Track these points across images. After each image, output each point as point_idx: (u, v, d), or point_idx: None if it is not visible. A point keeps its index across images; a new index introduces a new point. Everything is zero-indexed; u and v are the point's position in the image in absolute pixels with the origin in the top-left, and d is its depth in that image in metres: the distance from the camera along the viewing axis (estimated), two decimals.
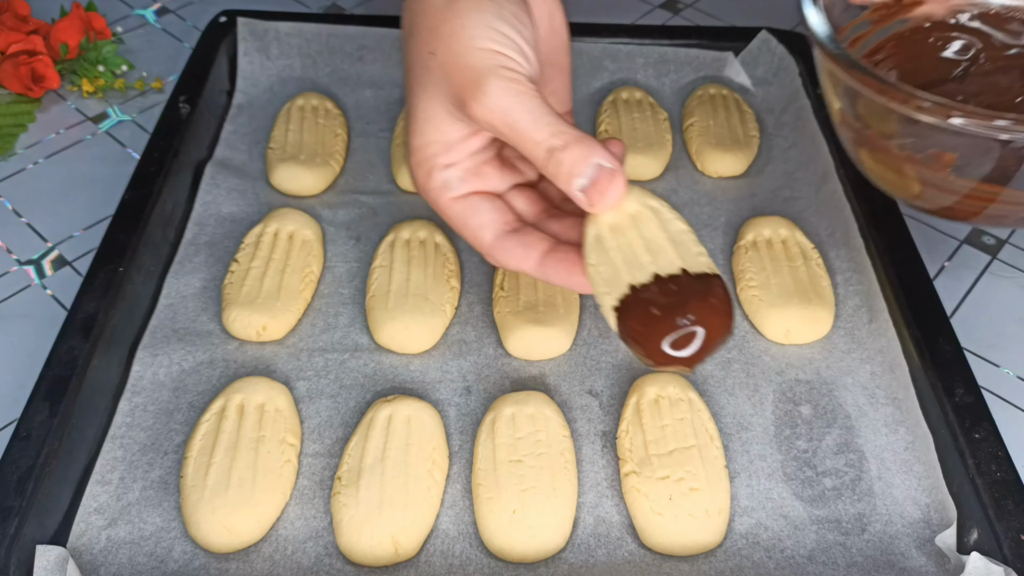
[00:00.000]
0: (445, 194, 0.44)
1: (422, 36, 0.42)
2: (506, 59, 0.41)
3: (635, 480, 0.45)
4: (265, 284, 0.53)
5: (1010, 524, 0.42)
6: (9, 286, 0.58)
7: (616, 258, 0.40)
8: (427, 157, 0.43)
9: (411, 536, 0.43)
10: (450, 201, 0.44)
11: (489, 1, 0.41)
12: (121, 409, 0.49)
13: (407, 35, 0.44)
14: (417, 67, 0.43)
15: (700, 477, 0.45)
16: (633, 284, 0.39)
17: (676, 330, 0.37)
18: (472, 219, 0.44)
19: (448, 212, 0.44)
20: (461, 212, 0.44)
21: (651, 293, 0.38)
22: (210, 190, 0.60)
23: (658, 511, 0.44)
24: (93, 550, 0.44)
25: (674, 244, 0.40)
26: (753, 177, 0.63)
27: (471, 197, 0.44)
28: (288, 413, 0.48)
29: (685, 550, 0.44)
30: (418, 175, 0.44)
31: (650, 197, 0.42)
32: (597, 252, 0.41)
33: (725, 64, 0.69)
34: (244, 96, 0.68)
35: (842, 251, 0.57)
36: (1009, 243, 0.62)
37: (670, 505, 0.44)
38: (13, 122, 0.68)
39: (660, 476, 0.45)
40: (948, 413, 0.46)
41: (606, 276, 0.40)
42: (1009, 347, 0.56)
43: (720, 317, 0.38)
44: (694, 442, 0.46)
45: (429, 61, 0.42)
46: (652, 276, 0.39)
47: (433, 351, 0.52)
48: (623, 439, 0.47)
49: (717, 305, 0.38)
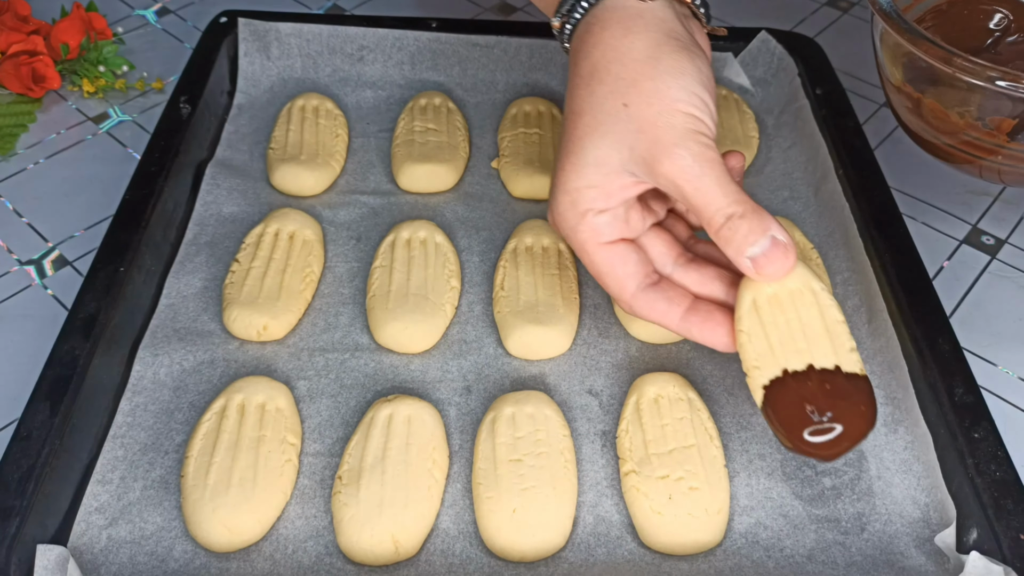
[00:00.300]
0: (594, 239, 0.44)
1: (615, 85, 0.42)
2: (702, 125, 0.42)
3: (635, 479, 0.45)
4: (266, 284, 0.53)
5: (1009, 524, 0.42)
6: (10, 286, 0.58)
7: (771, 333, 0.42)
8: (584, 200, 0.43)
9: (411, 535, 0.43)
10: (598, 246, 0.44)
11: (689, 62, 0.42)
12: (122, 409, 0.49)
13: (587, 75, 0.43)
14: (601, 113, 0.42)
15: (700, 476, 0.45)
16: (787, 368, 0.41)
17: (820, 425, 0.40)
18: (620, 268, 0.44)
19: (594, 257, 0.44)
20: (609, 259, 0.44)
21: (804, 384, 0.41)
22: (211, 190, 0.60)
23: (658, 510, 0.44)
24: (94, 549, 0.44)
25: (830, 335, 0.42)
26: (752, 177, 0.63)
27: (618, 244, 0.44)
28: (289, 413, 0.48)
29: (684, 549, 0.44)
30: (568, 216, 0.44)
31: (813, 279, 0.44)
32: (750, 320, 0.43)
33: (724, 64, 0.70)
34: (245, 96, 0.68)
35: (841, 251, 0.57)
36: (1008, 243, 0.62)
37: (670, 504, 0.44)
38: (14, 122, 0.68)
39: (660, 475, 0.45)
40: (947, 413, 0.46)
41: (759, 350, 0.42)
42: (1008, 347, 0.56)
43: (865, 422, 0.40)
44: (694, 441, 0.46)
45: (620, 111, 0.42)
46: (807, 366, 0.41)
47: (433, 351, 0.52)
48: (623, 438, 0.47)
49: (864, 411, 0.40)
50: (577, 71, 0.44)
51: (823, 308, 0.43)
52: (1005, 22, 0.57)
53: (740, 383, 0.51)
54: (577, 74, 0.44)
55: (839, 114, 0.63)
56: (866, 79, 0.75)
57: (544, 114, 0.66)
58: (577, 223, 0.44)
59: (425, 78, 0.70)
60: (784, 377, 0.41)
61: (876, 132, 0.70)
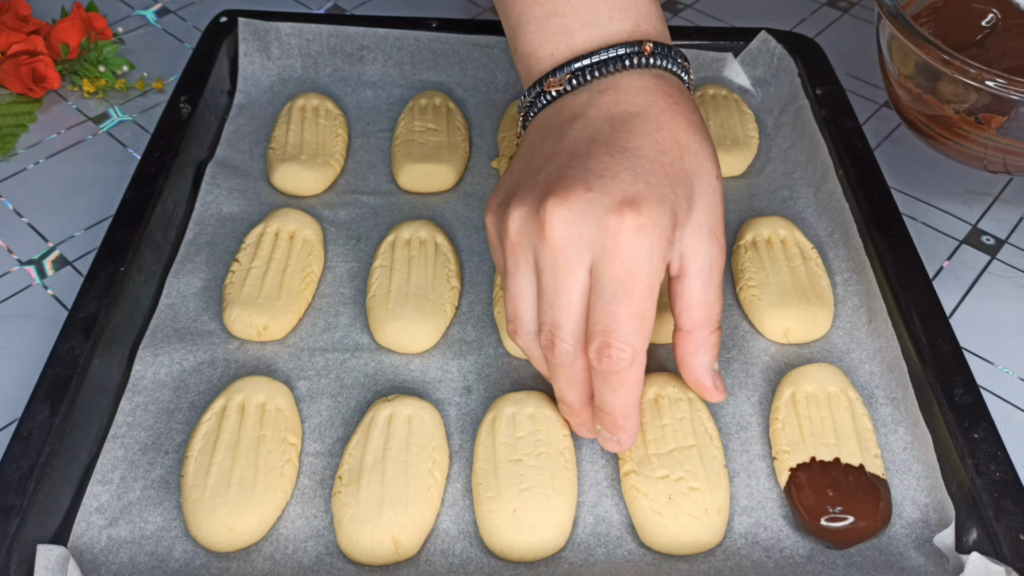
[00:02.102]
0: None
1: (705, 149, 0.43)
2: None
3: (635, 479, 0.45)
4: (266, 284, 0.53)
5: (1009, 524, 0.42)
6: (10, 286, 0.58)
7: (804, 425, 0.47)
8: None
9: (412, 535, 0.43)
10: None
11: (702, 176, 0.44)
12: (122, 408, 0.49)
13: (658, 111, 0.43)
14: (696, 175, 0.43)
15: (699, 476, 0.45)
16: (815, 457, 0.46)
17: (837, 514, 0.44)
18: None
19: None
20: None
21: (828, 473, 0.45)
22: (211, 190, 0.60)
23: (658, 510, 0.44)
24: (94, 549, 0.44)
25: (858, 438, 0.47)
26: (752, 177, 0.63)
27: None
28: (289, 412, 0.48)
29: (684, 549, 0.44)
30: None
31: (851, 387, 0.49)
32: (786, 411, 0.48)
33: (724, 64, 0.70)
34: (245, 96, 0.68)
35: (841, 251, 0.57)
36: (1008, 243, 0.62)
37: (670, 504, 0.44)
38: (14, 122, 0.68)
39: (660, 475, 0.45)
40: (947, 413, 0.46)
41: (791, 437, 0.47)
42: (1008, 347, 0.56)
43: (879, 521, 0.44)
44: (693, 441, 0.46)
45: (715, 182, 0.43)
46: (834, 459, 0.46)
47: (433, 351, 0.53)
48: None
49: (882, 509, 0.44)
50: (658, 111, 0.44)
51: (856, 414, 0.48)
52: (994, 20, 0.62)
53: (740, 384, 0.51)
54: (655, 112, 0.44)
55: (839, 114, 0.63)
56: (866, 79, 0.75)
57: None
58: (668, 248, 0.42)
59: (425, 78, 0.70)
60: (811, 464, 0.45)
61: (876, 132, 0.70)
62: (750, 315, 0.54)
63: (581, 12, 0.46)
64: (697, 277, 0.43)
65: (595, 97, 0.44)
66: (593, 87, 0.45)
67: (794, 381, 0.49)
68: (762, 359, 0.52)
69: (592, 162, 0.41)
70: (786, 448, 0.46)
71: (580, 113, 0.44)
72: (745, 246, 0.57)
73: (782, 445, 0.47)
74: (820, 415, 0.47)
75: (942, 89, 0.57)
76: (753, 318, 0.54)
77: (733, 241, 0.59)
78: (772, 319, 0.53)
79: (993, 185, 0.66)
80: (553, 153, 0.43)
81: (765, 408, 0.50)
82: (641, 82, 0.44)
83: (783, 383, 0.49)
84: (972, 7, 0.63)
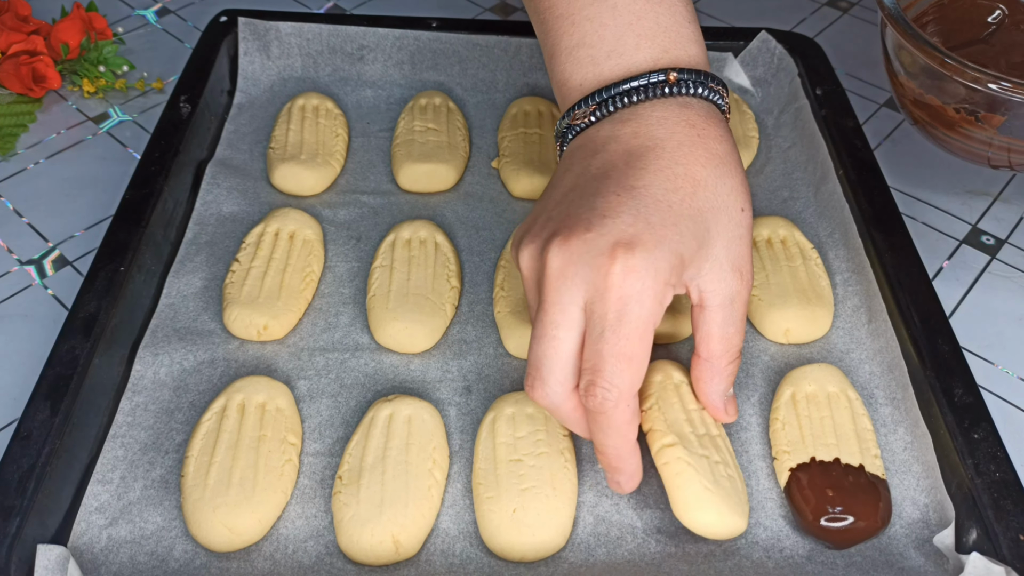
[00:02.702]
0: (659, 315, 0.41)
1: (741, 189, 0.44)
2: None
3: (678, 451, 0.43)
4: (266, 284, 0.53)
5: (1009, 524, 0.42)
6: (10, 286, 0.58)
7: (804, 425, 0.47)
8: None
9: (412, 535, 0.43)
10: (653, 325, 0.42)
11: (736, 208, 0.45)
12: (122, 408, 0.49)
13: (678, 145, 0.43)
14: (714, 210, 0.42)
15: (731, 464, 0.45)
16: (815, 457, 0.46)
17: (837, 514, 0.44)
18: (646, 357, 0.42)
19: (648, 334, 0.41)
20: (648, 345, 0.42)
21: (828, 473, 0.45)
22: (211, 190, 0.60)
23: (707, 486, 0.42)
24: (94, 549, 0.44)
25: (858, 438, 0.47)
26: (752, 177, 0.63)
27: None
28: (289, 412, 0.48)
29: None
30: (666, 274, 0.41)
31: (851, 388, 0.49)
32: (786, 411, 0.48)
33: (724, 64, 0.70)
34: (245, 96, 0.68)
35: (841, 251, 0.57)
36: (1008, 243, 0.62)
37: (716, 484, 0.43)
38: (14, 122, 0.68)
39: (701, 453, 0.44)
40: (947, 413, 0.46)
41: (791, 437, 0.47)
42: (1008, 347, 0.56)
43: (879, 521, 0.44)
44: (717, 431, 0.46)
45: (739, 215, 0.43)
46: (834, 459, 0.46)
47: (433, 351, 0.53)
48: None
49: (882, 509, 0.44)
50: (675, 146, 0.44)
51: (856, 414, 0.48)
52: (1000, 16, 0.62)
53: (740, 384, 0.51)
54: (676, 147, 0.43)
55: (839, 114, 0.63)
56: (866, 79, 0.75)
57: (544, 114, 0.66)
58: (664, 290, 0.41)
59: (425, 78, 0.70)
60: (811, 464, 0.46)
61: (876, 132, 0.70)
62: (750, 315, 0.54)
63: (607, 41, 0.45)
64: (717, 311, 0.43)
65: (617, 129, 0.44)
66: (616, 118, 0.44)
67: (794, 381, 0.49)
68: (762, 359, 0.52)
69: (599, 201, 0.41)
70: (786, 448, 0.47)
71: (601, 147, 0.44)
72: None
73: (782, 445, 0.47)
74: (820, 415, 0.48)
75: (944, 89, 0.57)
76: (753, 318, 0.54)
77: None
78: (772, 319, 0.53)
79: (993, 185, 0.66)
80: (570, 189, 0.44)
81: (765, 408, 0.50)
82: (663, 112, 0.44)
83: (783, 383, 0.49)
84: (979, 3, 0.63)
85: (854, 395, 0.49)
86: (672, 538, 0.45)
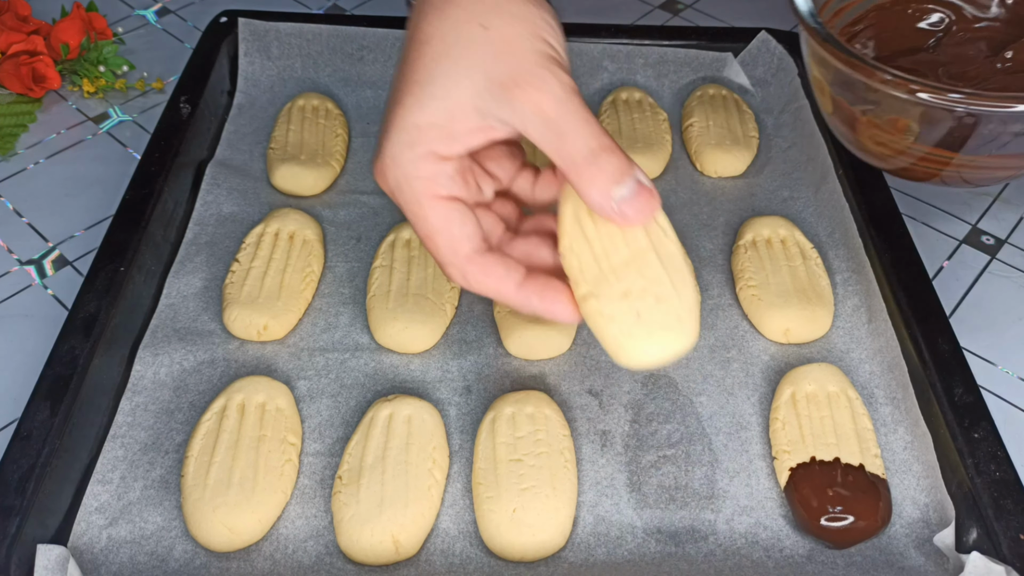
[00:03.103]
0: (432, 189, 0.40)
1: (472, 8, 0.38)
2: (562, 60, 0.39)
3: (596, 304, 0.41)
4: (266, 284, 0.53)
5: (1009, 524, 0.42)
6: (10, 286, 0.58)
7: (804, 425, 0.47)
8: (425, 140, 0.39)
9: (411, 535, 0.43)
10: (435, 199, 0.40)
11: (538, 7, 0.40)
12: (122, 408, 0.49)
13: (439, 2, 0.40)
14: (453, 35, 0.38)
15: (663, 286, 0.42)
16: (815, 457, 0.46)
17: (837, 514, 0.44)
18: (457, 227, 0.40)
19: (429, 212, 0.40)
20: (446, 215, 0.40)
21: (828, 473, 0.45)
22: (211, 190, 0.60)
23: (628, 332, 0.40)
24: (94, 549, 0.44)
25: (858, 438, 0.47)
26: (752, 177, 0.63)
27: (454, 201, 0.40)
28: (289, 412, 0.48)
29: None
30: (403, 159, 0.39)
31: (851, 387, 0.49)
32: (786, 410, 0.48)
33: (724, 65, 0.70)
34: (245, 96, 0.68)
35: (841, 251, 0.57)
36: (1008, 243, 0.62)
37: (639, 323, 0.40)
38: (14, 122, 0.68)
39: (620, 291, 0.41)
40: (947, 413, 0.46)
41: (791, 437, 0.47)
42: (1008, 347, 0.56)
43: (879, 520, 0.44)
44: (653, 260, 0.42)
45: (477, 33, 0.38)
46: (834, 459, 0.46)
47: (433, 351, 0.53)
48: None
49: (882, 509, 0.44)
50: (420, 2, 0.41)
51: (856, 414, 0.48)
52: (946, 21, 0.55)
53: (740, 383, 0.51)
54: (426, 1, 0.40)
55: None
56: None
57: None
58: (413, 168, 0.39)
59: None
60: (811, 464, 0.46)
61: None
62: (750, 315, 0.54)
63: None
64: (531, 131, 0.39)
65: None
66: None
67: (794, 381, 0.49)
68: (762, 359, 0.52)
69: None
70: (786, 448, 0.47)
71: None
72: (745, 246, 0.57)
73: (782, 445, 0.47)
74: (820, 415, 0.47)
75: (883, 112, 0.49)
76: (753, 318, 0.54)
77: (733, 241, 0.59)
78: (772, 319, 0.53)
79: (993, 186, 0.66)
80: None
81: (765, 408, 0.50)
82: None
83: (783, 383, 0.49)
84: (921, 7, 0.56)
85: (854, 395, 0.49)
86: (672, 538, 0.45)
